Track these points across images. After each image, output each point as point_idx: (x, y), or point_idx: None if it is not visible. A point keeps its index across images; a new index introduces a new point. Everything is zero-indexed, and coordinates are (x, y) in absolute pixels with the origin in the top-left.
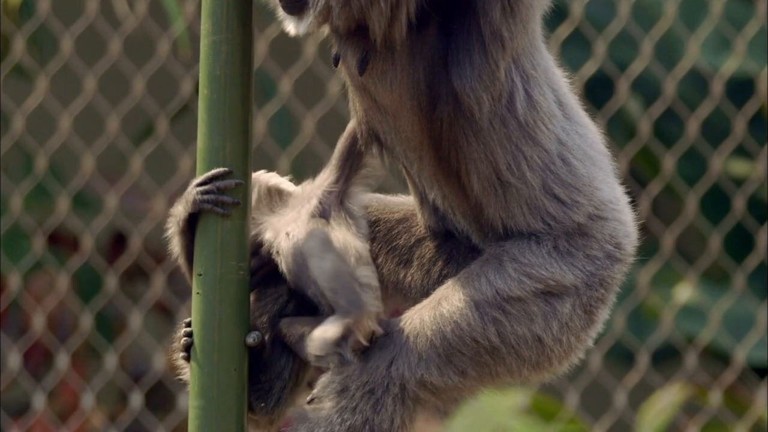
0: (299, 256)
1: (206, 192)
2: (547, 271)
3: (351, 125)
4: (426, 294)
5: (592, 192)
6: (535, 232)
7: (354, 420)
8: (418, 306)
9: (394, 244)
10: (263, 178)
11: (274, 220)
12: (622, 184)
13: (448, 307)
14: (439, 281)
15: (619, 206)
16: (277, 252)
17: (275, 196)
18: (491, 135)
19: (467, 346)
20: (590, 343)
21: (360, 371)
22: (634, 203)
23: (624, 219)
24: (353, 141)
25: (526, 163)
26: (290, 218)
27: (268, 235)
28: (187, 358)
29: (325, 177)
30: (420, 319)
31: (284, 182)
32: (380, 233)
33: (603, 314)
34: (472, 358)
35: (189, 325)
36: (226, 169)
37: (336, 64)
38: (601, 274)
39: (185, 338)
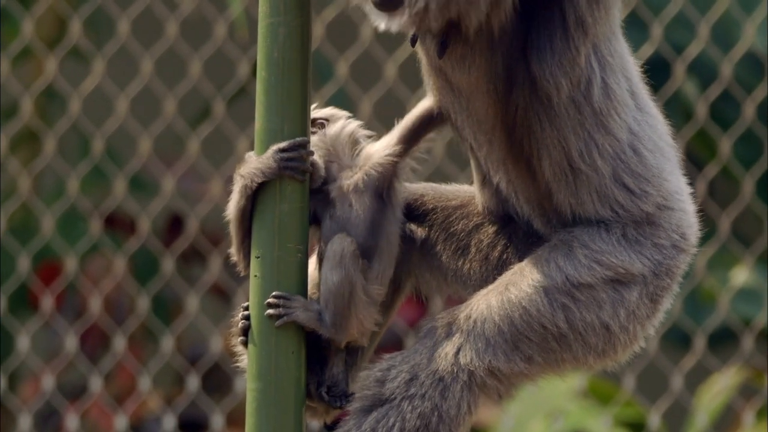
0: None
1: (291, 159)
2: (617, 259)
3: (425, 102)
4: (485, 280)
5: (660, 183)
6: (603, 219)
7: (423, 407)
8: (483, 291)
9: (452, 230)
10: (352, 123)
11: (343, 175)
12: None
13: (516, 292)
14: (498, 267)
15: (683, 197)
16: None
17: (351, 143)
18: (565, 121)
19: (535, 332)
20: (652, 332)
21: (428, 360)
22: (690, 186)
23: (688, 209)
24: (422, 119)
25: (598, 151)
26: (352, 185)
27: (334, 192)
28: (246, 343)
29: (386, 145)
30: (487, 304)
31: (363, 136)
32: (437, 220)
33: (667, 304)
34: (540, 344)
35: (248, 308)
36: (306, 138)
37: (413, 44)
38: (667, 264)
39: (243, 321)
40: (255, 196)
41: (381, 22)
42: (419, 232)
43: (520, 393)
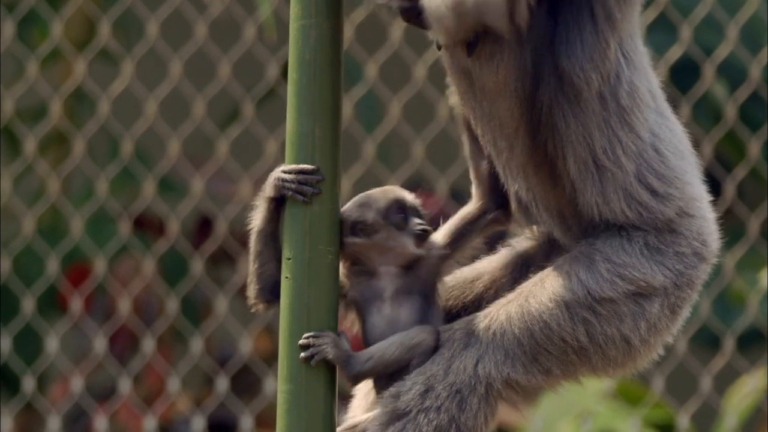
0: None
1: (288, 180)
2: (640, 273)
3: (467, 207)
4: None
5: (683, 186)
6: (628, 223)
7: (440, 419)
8: (502, 300)
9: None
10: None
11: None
12: (707, 168)
13: (537, 305)
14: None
15: (703, 204)
16: None
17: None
18: (591, 117)
19: (555, 346)
20: (670, 339)
21: (445, 371)
22: (719, 188)
23: (708, 217)
24: (467, 222)
25: (621, 148)
26: (402, 285)
27: (387, 293)
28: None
29: (436, 245)
30: (506, 315)
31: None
32: (469, 311)
33: (686, 313)
34: (559, 357)
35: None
36: (315, 167)
37: (440, 48)
38: (689, 274)
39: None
40: (278, 205)
41: (432, 34)
42: None
43: (548, 395)
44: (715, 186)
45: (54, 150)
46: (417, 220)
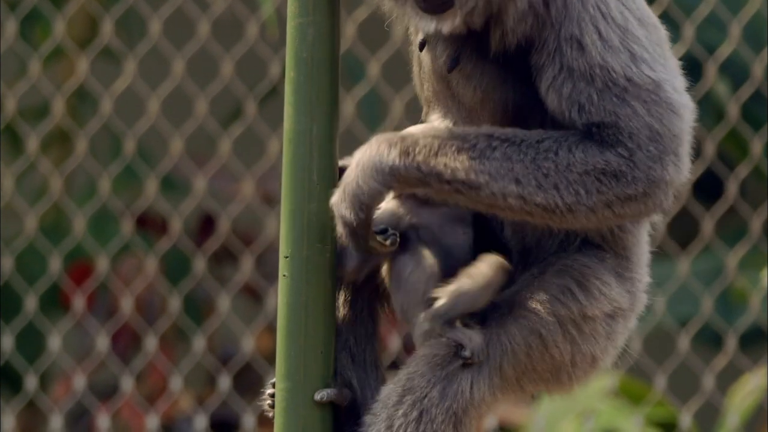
0: None
1: None
2: (618, 294)
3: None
4: None
5: None
6: (602, 244)
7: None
8: (495, 314)
9: None
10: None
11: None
12: (710, 167)
13: (536, 319)
14: None
15: (646, 233)
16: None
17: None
18: None
19: (544, 363)
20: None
21: (440, 395)
22: (721, 186)
23: (647, 249)
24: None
25: None
26: None
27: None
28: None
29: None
30: (507, 335)
31: None
32: None
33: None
34: (540, 374)
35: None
36: None
37: (421, 50)
38: (641, 300)
39: (271, 399)
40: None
41: (429, 25)
42: None
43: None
44: (717, 185)
45: (56, 148)
46: None
